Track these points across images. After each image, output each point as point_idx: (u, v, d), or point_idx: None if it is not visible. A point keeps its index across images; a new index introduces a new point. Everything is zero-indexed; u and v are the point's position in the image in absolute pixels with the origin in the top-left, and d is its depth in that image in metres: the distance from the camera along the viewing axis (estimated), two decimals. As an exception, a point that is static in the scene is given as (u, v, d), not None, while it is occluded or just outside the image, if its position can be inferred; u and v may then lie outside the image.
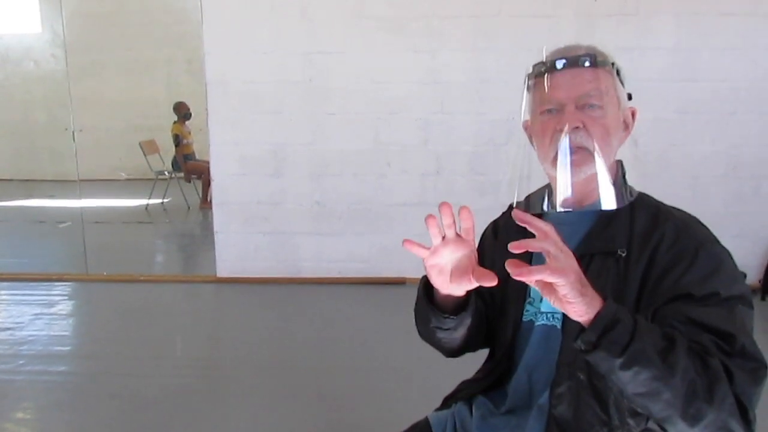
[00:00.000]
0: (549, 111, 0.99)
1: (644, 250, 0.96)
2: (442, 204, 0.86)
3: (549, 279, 0.77)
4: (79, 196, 5.30)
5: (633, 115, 1.06)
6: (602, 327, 0.80)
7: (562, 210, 1.03)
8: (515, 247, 0.76)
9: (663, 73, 3.59)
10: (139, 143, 6.82)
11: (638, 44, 3.55)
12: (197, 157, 6.55)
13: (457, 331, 1.06)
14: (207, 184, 6.19)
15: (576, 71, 0.98)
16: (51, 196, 7.24)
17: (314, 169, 3.87)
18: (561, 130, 0.97)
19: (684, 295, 0.90)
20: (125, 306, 3.72)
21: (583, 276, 0.80)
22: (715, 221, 1.11)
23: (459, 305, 1.03)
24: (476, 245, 0.92)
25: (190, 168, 6.51)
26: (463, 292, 0.94)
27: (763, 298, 3.60)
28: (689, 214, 1.03)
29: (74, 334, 3.40)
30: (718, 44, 3.55)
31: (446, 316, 1.03)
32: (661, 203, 1.05)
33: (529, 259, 1.01)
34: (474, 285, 0.90)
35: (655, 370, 0.80)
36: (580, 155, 0.97)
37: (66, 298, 3.91)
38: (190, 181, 6.69)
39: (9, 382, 2.70)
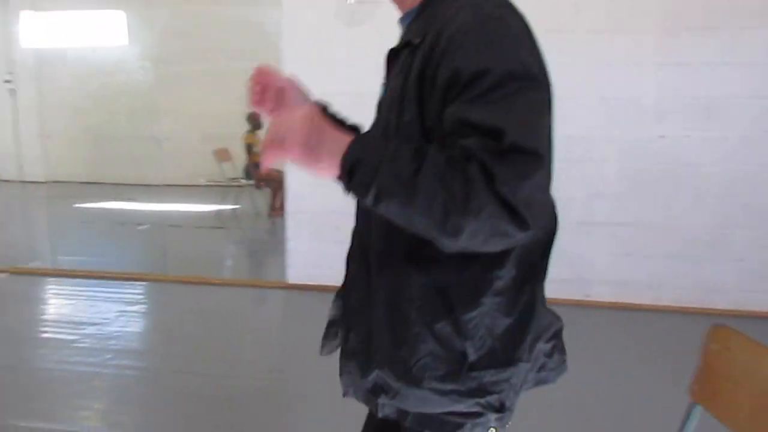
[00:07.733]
0: None
1: (430, 34, 0.89)
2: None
3: (280, 158, 0.84)
4: (160, 201, 5.56)
5: None
6: (346, 173, 0.82)
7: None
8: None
9: (753, 90, 3.44)
10: (213, 151, 7.11)
11: (723, 60, 3.42)
12: (268, 165, 6.75)
13: None
14: (277, 192, 6.38)
15: None
16: (130, 200, 7.63)
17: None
18: None
19: (453, 78, 0.82)
20: (200, 308, 3.86)
21: (312, 141, 0.82)
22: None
23: None
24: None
25: (261, 176, 6.72)
26: None
27: None
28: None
29: (153, 332, 3.57)
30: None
31: None
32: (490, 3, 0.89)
33: None
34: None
35: (402, 198, 0.80)
36: None
37: (145, 297, 4.11)
38: (260, 189, 6.90)
39: (97, 374, 2.85)
